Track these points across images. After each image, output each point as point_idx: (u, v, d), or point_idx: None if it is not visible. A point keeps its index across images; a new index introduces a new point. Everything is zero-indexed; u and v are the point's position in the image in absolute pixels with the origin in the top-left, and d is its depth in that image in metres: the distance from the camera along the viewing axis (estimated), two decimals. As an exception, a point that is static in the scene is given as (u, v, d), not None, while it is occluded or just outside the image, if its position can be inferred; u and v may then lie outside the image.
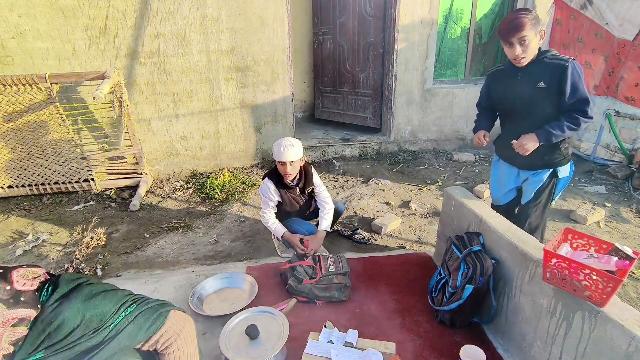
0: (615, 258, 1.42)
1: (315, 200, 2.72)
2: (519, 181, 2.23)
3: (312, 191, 2.65)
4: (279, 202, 2.61)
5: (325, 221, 2.63)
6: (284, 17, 4.01)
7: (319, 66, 5.32)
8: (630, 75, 3.85)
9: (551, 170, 2.09)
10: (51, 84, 3.30)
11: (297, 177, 2.55)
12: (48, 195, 3.70)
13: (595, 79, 4.21)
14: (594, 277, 1.35)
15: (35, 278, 1.08)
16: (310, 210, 2.77)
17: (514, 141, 1.98)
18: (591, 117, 1.89)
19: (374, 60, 4.70)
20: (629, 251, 1.44)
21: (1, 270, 1.02)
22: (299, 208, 2.66)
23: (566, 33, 4.45)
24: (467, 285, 1.89)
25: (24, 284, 1.04)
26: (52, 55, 3.51)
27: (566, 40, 4.48)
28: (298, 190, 2.60)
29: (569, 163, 2.12)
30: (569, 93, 1.85)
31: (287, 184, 2.54)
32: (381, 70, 4.72)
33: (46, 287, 1.10)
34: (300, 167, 2.53)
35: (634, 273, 2.60)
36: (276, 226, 2.59)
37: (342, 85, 5.14)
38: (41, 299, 1.07)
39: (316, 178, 2.63)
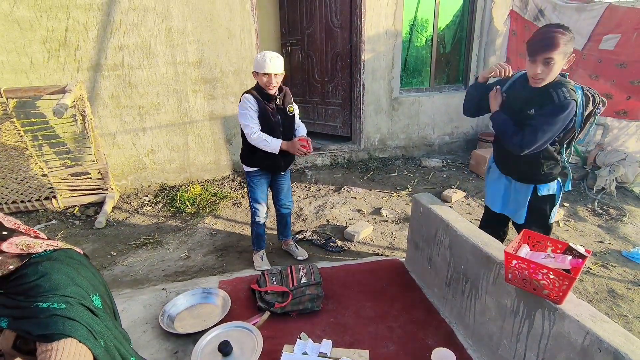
0: (570, 257, 1.51)
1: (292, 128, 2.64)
2: (506, 192, 2.13)
3: (292, 115, 2.56)
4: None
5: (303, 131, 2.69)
6: (251, 29, 4.02)
7: (289, 76, 5.35)
8: (581, 83, 4.11)
9: (531, 187, 1.98)
10: (7, 98, 3.15)
11: (277, 91, 2.46)
12: (5, 216, 3.51)
13: (549, 86, 4.46)
14: (551, 276, 1.42)
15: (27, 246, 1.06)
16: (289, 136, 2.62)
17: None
18: (521, 148, 1.76)
19: (342, 70, 4.79)
20: (581, 250, 1.53)
21: (5, 232, 1.04)
22: (275, 127, 2.47)
23: (522, 43, 4.70)
24: None
25: (13, 248, 1.03)
26: (7, 69, 3.36)
27: (522, 50, 4.73)
28: (279, 102, 2.47)
29: (555, 182, 1.98)
30: (534, 113, 1.74)
31: (268, 95, 2.39)
32: (349, 80, 4.80)
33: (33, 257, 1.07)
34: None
35: (591, 269, 2.75)
36: (272, 139, 2.39)
37: (312, 95, 5.20)
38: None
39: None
